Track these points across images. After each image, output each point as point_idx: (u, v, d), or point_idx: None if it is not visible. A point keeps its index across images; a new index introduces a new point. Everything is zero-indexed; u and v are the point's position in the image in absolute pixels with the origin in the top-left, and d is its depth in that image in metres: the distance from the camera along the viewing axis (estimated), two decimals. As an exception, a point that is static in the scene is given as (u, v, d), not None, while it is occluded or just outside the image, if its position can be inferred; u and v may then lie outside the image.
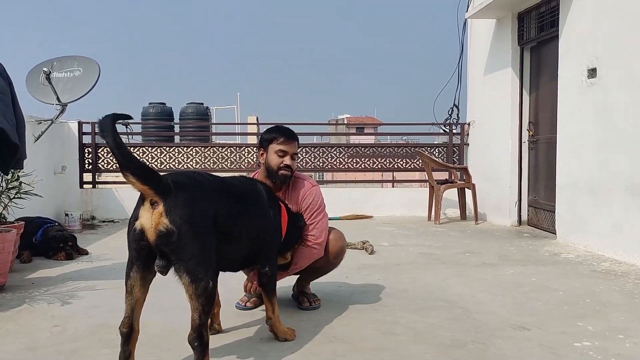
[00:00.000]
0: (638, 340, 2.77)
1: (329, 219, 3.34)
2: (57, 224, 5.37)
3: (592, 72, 5.20)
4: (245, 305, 3.31)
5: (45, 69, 6.47)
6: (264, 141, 3.13)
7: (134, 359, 2.26)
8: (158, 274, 2.26)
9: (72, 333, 2.88)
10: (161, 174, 2.23)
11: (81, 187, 7.82)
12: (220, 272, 2.41)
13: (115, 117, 2.14)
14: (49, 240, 4.88)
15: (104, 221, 7.49)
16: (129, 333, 2.22)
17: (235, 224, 2.47)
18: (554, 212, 5.91)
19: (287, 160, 3.07)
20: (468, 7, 7.84)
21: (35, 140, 6.39)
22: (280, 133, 3.11)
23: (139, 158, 7.77)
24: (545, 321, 3.07)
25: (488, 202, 7.41)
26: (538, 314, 3.21)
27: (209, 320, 2.37)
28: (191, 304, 2.15)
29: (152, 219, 2.12)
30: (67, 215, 6.72)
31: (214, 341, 2.35)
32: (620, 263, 4.61)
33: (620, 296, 3.61)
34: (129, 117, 2.33)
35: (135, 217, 2.18)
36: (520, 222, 6.94)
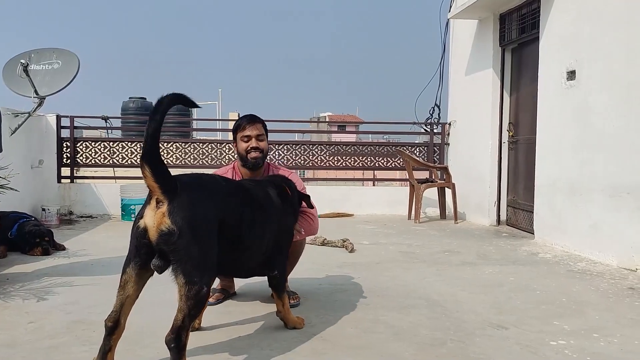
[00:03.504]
0: (612, 339, 2.82)
1: None
2: (33, 218, 5.28)
3: (572, 74, 5.27)
4: (208, 301, 3.30)
5: (22, 61, 6.35)
6: (233, 133, 3.34)
7: (114, 354, 2.25)
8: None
9: (48, 330, 2.83)
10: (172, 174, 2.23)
11: (59, 181, 7.68)
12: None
13: (175, 99, 2.15)
14: (24, 235, 4.79)
15: (82, 216, 7.39)
16: (114, 327, 2.21)
17: (247, 230, 2.47)
18: (533, 212, 5.98)
19: (252, 143, 3.23)
20: (451, 7, 7.89)
21: (12, 134, 6.28)
22: (242, 120, 3.31)
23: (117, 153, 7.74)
24: (523, 320, 3.10)
25: (468, 201, 7.48)
26: (516, 312, 3.25)
27: None
28: (179, 304, 2.14)
29: (155, 218, 2.13)
30: (44, 210, 6.62)
31: (193, 339, 2.32)
32: (596, 263, 4.68)
33: (595, 296, 3.67)
34: (194, 105, 2.29)
35: (140, 215, 2.20)
36: (499, 221, 7.01)
